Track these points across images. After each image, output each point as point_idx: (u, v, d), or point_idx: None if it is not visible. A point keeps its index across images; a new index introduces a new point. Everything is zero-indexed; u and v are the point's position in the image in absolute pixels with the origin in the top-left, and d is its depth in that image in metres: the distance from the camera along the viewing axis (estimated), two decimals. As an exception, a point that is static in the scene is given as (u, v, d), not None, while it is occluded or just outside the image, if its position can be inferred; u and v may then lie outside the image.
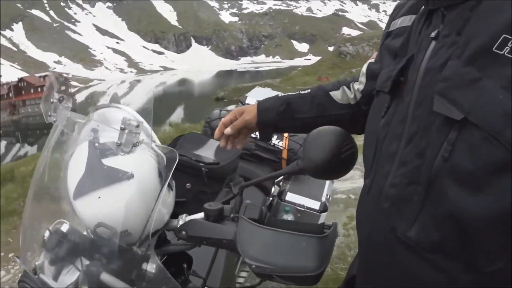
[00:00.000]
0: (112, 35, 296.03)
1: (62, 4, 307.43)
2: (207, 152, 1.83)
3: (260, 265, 0.92)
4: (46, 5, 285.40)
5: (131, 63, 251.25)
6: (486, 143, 0.69)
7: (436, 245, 0.79)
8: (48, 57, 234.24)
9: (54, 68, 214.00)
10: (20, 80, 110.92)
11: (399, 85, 0.94)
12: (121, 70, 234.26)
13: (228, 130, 1.38)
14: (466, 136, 0.73)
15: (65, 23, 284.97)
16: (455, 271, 0.78)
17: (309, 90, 1.42)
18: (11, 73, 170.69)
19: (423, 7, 0.98)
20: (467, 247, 0.75)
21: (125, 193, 0.99)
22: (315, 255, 0.92)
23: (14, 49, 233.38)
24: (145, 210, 1.02)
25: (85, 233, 1.04)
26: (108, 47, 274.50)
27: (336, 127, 1.05)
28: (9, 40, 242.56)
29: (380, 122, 0.97)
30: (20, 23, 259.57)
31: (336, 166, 1.04)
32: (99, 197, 0.97)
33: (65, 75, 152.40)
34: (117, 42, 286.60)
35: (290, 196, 2.34)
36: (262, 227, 0.94)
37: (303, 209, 2.31)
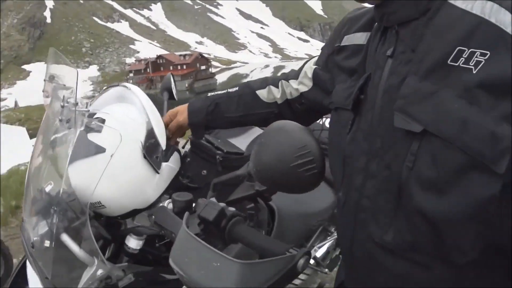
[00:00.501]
0: (256, 20, 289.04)
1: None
2: (243, 140, 1.69)
3: (178, 271, 0.86)
4: None
5: (276, 48, 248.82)
6: (446, 149, 0.74)
7: (412, 245, 0.83)
8: (189, 37, 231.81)
9: (196, 48, 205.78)
10: (159, 57, 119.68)
11: (359, 103, 0.96)
12: (266, 55, 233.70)
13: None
14: (426, 146, 0.77)
15: (207, 5, 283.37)
16: (433, 265, 0.83)
17: (237, 88, 1.44)
18: (150, 50, 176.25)
19: (376, 24, 0.99)
20: (440, 244, 0.80)
21: (95, 165, 1.08)
22: (227, 279, 0.79)
23: (153, 27, 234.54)
24: (120, 186, 1.08)
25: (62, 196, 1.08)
26: (252, 31, 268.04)
27: (299, 125, 0.94)
28: (148, 19, 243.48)
29: (345, 138, 0.99)
30: (159, 3, 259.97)
31: (289, 177, 0.88)
32: (79, 166, 1.09)
33: (206, 55, 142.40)
34: (261, 27, 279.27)
35: None
36: (186, 232, 0.87)
37: None
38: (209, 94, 1.46)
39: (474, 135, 0.70)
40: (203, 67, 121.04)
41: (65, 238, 1.04)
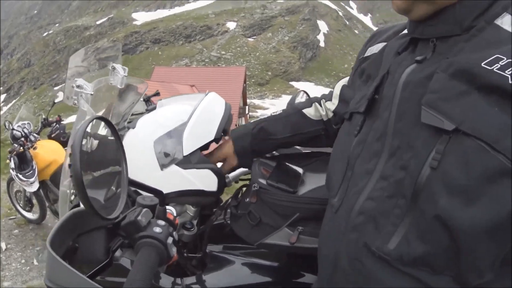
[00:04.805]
0: None
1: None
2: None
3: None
4: None
5: None
6: (481, 152, 0.67)
7: (420, 258, 0.76)
8: None
9: None
10: None
11: (374, 104, 0.92)
12: None
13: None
14: (456, 146, 0.70)
15: None
16: (437, 284, 0.75)
17: (281, 111, 1.41)
18: None
19: (404, 31, 0.97)
20: (455, 259, 0.72)
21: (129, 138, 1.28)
22: None
23: None
24: (131, 159, 0.99)
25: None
26: None
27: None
28: None
29: (351, 141, 0.95)
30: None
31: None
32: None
33: None
34: None
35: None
36: (49, 251, 0.83)
37: None
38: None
39: None
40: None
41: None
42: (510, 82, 0.66)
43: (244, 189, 1.31)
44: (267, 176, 1.19)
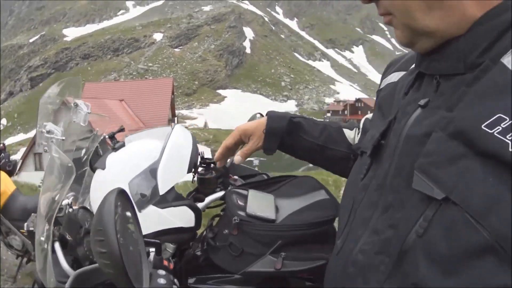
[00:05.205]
0: None
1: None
2: (295, 203, 1.28)
3: None
4: (387, 32, 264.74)
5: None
6: (466, 225, 0.62)
7: None
8: None
9: None
10: (358, 100, 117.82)
11: (380, 149, 0.89)
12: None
13: (239, 159, 1.34)
14: (444, 216, 0.66)
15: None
16: None
17: (323, 120, 1.36)
18: (350, 92, 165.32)
19: (413, 65, 0.92)
20: None
21: (95, 178, 1.31)
22: None
23: (354, 70, 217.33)
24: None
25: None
26: None
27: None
28: (349, 61, 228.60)
29: (358, 183, 0.93)
30: (361, 46, 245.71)
31: None
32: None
33: None
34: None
35: None
36: None
37: None
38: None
39: (505, 218, 0.58)
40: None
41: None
42: (510, 150, 0.59)
43: (216, 219, 1.31)
44: (244, 207, 1.20)
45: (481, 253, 0.61)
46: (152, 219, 1.21)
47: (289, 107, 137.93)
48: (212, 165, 1.41)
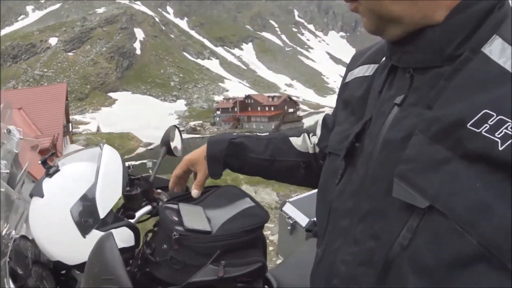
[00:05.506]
0: (346, 65, 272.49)
1: (294, 29, 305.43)
2: (224, 213, 1.32)
3: None
4: (277, 29, 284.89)
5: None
6: (453, 234, 0.59)
7: None
8: (279, 79, 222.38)
9: (285, 90, 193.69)
10: (248, 97, 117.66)
11: (355, 151, 0.83)
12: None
13: (196, 192, 1.32)
14: (429, 225, 0.62)
15: (298, 48, 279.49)
16: None
17: (267, 133, 1.36)
18: (239, 89, 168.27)
19: (384, 58, 0.86)
20: None
21: (32, 208, 1.24)
22: None
23: (244, 67, 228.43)
24: (47, 235, 1.18)
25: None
26: (341, 76, 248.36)
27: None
28: (238, 58, 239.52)
29: (333, 189, 0.87)
30: (250, 43, 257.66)
31: None
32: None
33: (295, 98, 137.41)
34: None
35: None
36: None
37: None
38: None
39: (495, 225, 0.55)
40: (290, 110, 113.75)
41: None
42: (500, 148, 0.54)
43: (149, 234, 1.31)
44: (180, 221, 1.22)
45: (471, 262, 0.58)
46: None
47: (179, 106, 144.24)
48: (135, 180, 1.41)
